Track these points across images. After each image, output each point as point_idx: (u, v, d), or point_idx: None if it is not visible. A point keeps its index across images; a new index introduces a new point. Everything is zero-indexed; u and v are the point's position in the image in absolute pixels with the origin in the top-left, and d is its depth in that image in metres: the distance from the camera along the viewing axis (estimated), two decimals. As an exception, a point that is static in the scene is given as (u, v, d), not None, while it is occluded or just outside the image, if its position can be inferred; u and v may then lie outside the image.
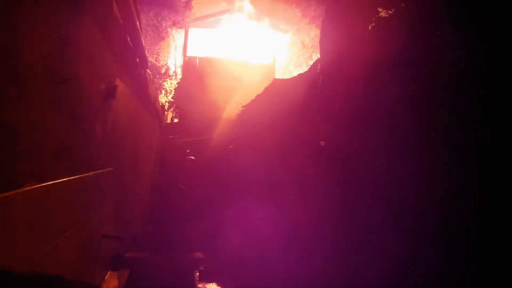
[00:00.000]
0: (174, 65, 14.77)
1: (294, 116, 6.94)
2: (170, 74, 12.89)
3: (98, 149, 3.03)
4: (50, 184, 1.87)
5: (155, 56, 11.71)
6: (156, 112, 7.69)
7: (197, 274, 4.79)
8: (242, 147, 8.42)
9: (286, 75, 14.55)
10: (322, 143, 5.63)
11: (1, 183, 1.42)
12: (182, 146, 10.42)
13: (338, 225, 4.73)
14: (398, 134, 3.97)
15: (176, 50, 15.28)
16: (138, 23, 4.07)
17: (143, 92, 5.42)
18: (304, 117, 6.56)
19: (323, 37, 6.64)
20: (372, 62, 4.59)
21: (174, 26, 13.16)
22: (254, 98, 10.09)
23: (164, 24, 12.07)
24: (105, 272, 3.50)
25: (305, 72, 8.65)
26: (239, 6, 16.25)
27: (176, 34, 14.32)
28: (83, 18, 2.40)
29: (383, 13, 5.21)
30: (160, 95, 11.08)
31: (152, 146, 7.64)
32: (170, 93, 12.75)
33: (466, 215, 3.02)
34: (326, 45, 6.37)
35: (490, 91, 2.96)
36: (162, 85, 12.03)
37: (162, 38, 12.26)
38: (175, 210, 5.75)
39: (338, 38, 5.82)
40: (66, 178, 2.15)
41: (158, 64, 11.88)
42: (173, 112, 13.90)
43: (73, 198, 2.35)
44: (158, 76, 11.58)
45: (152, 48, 11.38)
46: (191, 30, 15.69)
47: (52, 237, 1.95)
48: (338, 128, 5.25)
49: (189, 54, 15.45)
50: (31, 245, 1.69)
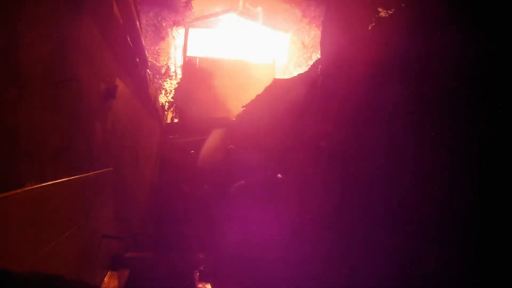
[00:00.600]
0: (174, 65, 14.77)
1: (294, 116, 6.95)
2: (170, 74, 12.90)
3: (98, 149, 3.03)
4: (50, 184, 1.87)
5: (155, 56, 11.72)
6: (156, 112, 7.69)
7: (197, 274, 4.79)
8: (242, 147, 8.42)
9: (286, 75, 14.56)
10: (322, 143, 5.63)
11: (1, 183, 1.42)
12: (182, 146, 10.43)
13: (338, 224, 4.73)
14: (398, 134, 3.97)
15: (176, 50, 15.29)
16: (138, 23, 4.07)
17: (143, 92, 5.42)
18: (304, 117, 6.56)
19: (324, 37, 6.64)
20: (372, 62, 4.59)
21: (174, 26, 13.18)
22: (254, 98, 10.11)
23: (164, 24, 12.09)
24: (105, 272, 3.50)
25: (305, 72, 8.66)
26: (239, 6, 16.26)
27: (176, 34, 14.33)
28: (83, 18, 2.40)
29: (383, 13, 5.21)
30: (160, 95, 11.09)
31: (152, 146, 7.64)
32: (170, 93, 12.77)
33: (466, 215, 3.02)
34: (327, 45, 6.37)
35: (490, 91, 2.97)
36: (162, 85, 12.05)
37: (162, 38, 12.28)
38: (176, 210, 5.75)
39: (338, 38, 5.83)
40: (66, 178, 2.15)
41: (158, 64, 11.90)
42: (173, 112, 13.90)
43: (73, 198, 2.35)
44: (158, 76, 11.59)
45: (152, 48, 11.39)
46: (191, 30, 15.69)
47: (52, 237, 1.95)
48: (338, 128, 5.25)
49: (189, 54, 15.44)
50: (31, 245, 1.69)
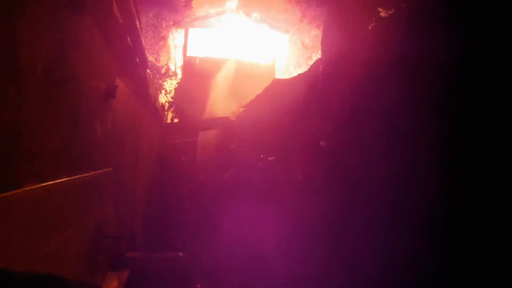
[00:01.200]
0: (174, 65, 14.77)
1: (294, 116, 6.95)
2: (170, 74, 12.89)
3: (98, 149, 3.03)
4: (50, 184, 1.87)
5: (155, 56, 11.72)
6: (156, 112, 7.69)
7: (197, 274, 4.79)
8: (242, 147, 8.42)
9: (286, 75, 14.55)
10: (322, 143, 5.63)
11: (1, 183, 1.42)
12: (182, 146, 10.43)
13: (337, 224, 4.73)
14: (398, 134, 3.97)
15: (176, 50, 15.28)
16: (138, 23, 4.07)
17: (143, 92, 5.42)
18: (304, 117, 6.56)
19: (325, 36, 6.63)
20: (372, 62, 4.59)
21: (174, 26, 13.17)
22: (254, 98, 10.09)
23: (164, 24, 12.08)
24: (105, 272, 3.50)
25: (305, 72, 8.65)
26: (239, 6, 16.25)
27: (176, 34, 14.32)
28: (83, 18, 2.40)
29: (383, 13, 5.21)
30: (160, 95, 11.08)
31: (152, 146, 7.64)
32: (170, 93, 12.76)
33: (465, 215, 3.02)
34: (328, 45, 6.37)
35: (491, 91, 2.97)
36: (162, 85, 12.04)
37: (162, 38, 12.28)
38: (176, 210, 5.76)
39: (338, 38, 5.83)
40: (66, 178, 2.15)
41: (158, 64, 11.89)
42: (173, 112, 13.90)
43: (73, 198, 2.35)
44: (158, 76, 11.58)
45: (152, 48, 11.38)
46: (191, 30, 15.68)
47: (52, 237, 1.95)
48: (338, 128, 5.25)
49: (189, 54, 15.44)
50: (31, 245, 1.69)
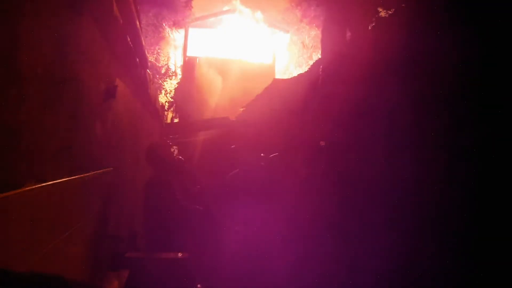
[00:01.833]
0: (174, 65, 14.76)
1: (294, 116, 6.95)
2: (170, 74, 12.89)
3: (98, 149, 3.03)
4: (50, 184, 1.87)
5: (155, 56, 11.72)
6: (156, 112, 7.69)
7: (197, 274, 4.79)
8: (242, 147, 8.42)
9: (286, 75, 14.56)
10: (322, 143, 5.63)
11: (1, 183, 1.42)
12: (182, 146, 10.43)
13: (337, 224, 4.73)
14: (398, 134, 3.97)
15: (176, 50, 15.27)
16: (138, 23, 4.07)
17: (143, 92, 5.42)
18: (304, 117, 6.56)
19: (324, 36, 6.64)
20: (372, 62, 4.59)
21: (174, 26, 13.17)
22: (254, 98, 10.09)
23: (164, 24, 12.08)
24: (105, 272, 3.50)
25: (305, 72, 8.64)
26: (239, 6, 16.25)
27: (176, 34, 14.32)
28: (83, 18, 2.40)
29: (383, 13, 5.21)
30: (160, 95, 11.09)
31: (152, 146, 7.63)
32: (170, 93, 12.76)
33: (465, 215, 3.02)
34: (328, 44, 6.37)
35: (492, 91, 2.96)
36: (162, 85, 12.04)
37: (162, 38, 12.28)
38: (176, 210, 5.75)
39: (338, 38, 5.83)
40: (66, 178, 2.15)
41: (158, 64, 11.89)
42: (173, 112, 13.90)
43: (73, 198, 2.35)
44: (158, 76, 11.58)
45: (152, 48, 11.38)
46: (191, 30, 15.67)
47: (52, 237, 1.95)
48: (338, 128, 5.25)
49: (189, 54, 15.43)
50: (31, 245, 1.69)
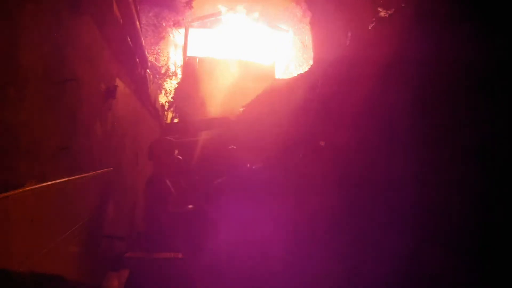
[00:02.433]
0: (174, 65, 14.75)
1: (294, 116, 6.95)
2: (170, 74, 12.88)
3: (98, 149, 3.03)
4: (50, 184, 1.87)
5: (155, 56, 11.70)
6: (156, 112, 7.69)
7: (197, 274, 4.79)
8: (241, 147, 8.42)
9: (287, 75, 14.55)
10: (322, 143, 5.63)
11: (1, 183, 1.42)
12: (182, 146, 10.41)
13: (337, 225, 4.73)
14: (398, 134, 3.96)
15: (176, 50, 15.27)
16: (138, 23, 4.07)
17: (143, 92, 5.42)
18: (304, 117, 6.56)
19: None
20: (372, 62, 4.59)
21: (174, 26, 13.15)
22: (254, 98, 10.09)
23: (164, 24, 12.07)
24: (105, 272, 3.50)
25: (305, 72, 8.65)
26: (239, 6, 16.24)
27: (176, 34, 14.31)
28: (83, 18, 2.40)
29: (383, 13, 5.21)
30: (160, 95, 11.08)
31: (152, 146, 7.63)
32: (170, 93, 12.75)
33: (466, 215, 3.02)
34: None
35: (493, 91, 2.96)
36: (162, 85, 12.02)
37: (162, 38, 12.26)
38: (176, 210, 5.75)
39: (338, 38, 5.83)
40: (66, 178, 2.15)
41: (158, 64, 11.88)
42: (173, 112, 13.89)
43: (73, 198, 2.35)
44: (158, 76, 11.56)
45: (152, 48, 11.37)
46: (191, 30, 15.67)
47: (52, 237, 1.95)
48: (338, 128, 5.25)
49: (189, 54, 15.42)
50: (31, 245, 1.70)
